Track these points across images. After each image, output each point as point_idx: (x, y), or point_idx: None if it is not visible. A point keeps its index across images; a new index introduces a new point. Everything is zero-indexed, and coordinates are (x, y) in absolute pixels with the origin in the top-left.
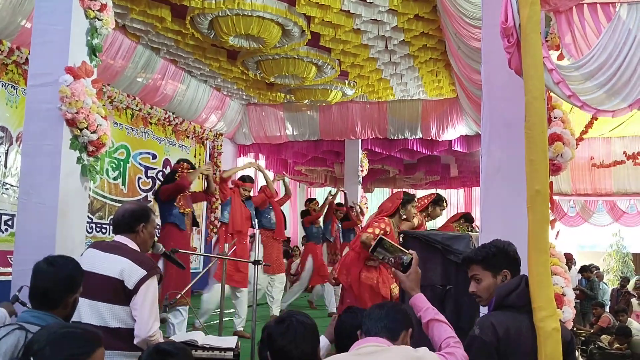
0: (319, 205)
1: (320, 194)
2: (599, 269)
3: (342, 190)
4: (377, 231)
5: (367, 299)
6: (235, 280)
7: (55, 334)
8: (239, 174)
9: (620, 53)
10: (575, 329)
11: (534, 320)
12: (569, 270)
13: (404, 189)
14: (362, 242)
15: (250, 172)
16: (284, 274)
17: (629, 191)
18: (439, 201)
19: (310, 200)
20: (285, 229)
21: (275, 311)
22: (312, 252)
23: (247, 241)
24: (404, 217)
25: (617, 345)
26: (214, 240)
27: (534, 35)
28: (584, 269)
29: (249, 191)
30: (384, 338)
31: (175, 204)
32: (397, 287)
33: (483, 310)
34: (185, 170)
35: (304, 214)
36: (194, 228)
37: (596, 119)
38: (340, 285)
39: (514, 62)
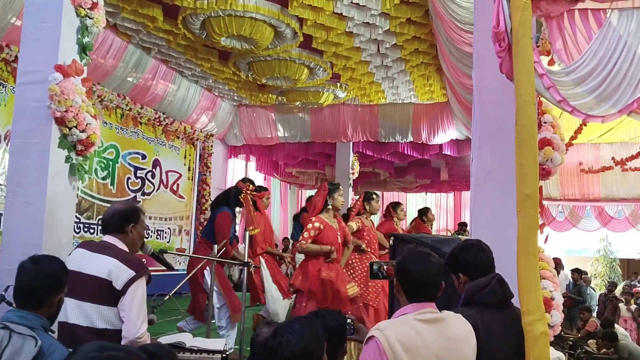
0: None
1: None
2: (586, 274)
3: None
4: (306, 235)
5: (327, 297)
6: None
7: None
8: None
9: (610, 59)
10: (562, 333)
11: (523, 324)
12: (558, 275)
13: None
14: (300, 252)
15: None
16: None
17: (616, 197)
18: (368, 197)
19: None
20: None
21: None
22: None
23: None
24: (329, 207)
25: (604, 350)
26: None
27: (525, 40)
28: (576, 270)
29: (268, 198)
30: (434, 302)
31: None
32: (354, 287)
33: None
34: (249, 192)
35: (298, 215)
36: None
37: (585, 124)
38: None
39: (505, 67)
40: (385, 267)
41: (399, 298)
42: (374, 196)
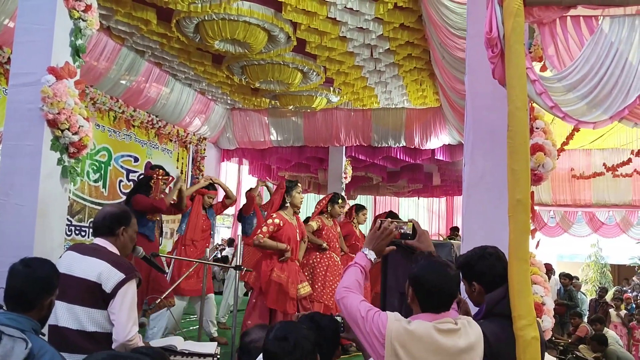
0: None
1: (304, 199)
2: (577, 279)
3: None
4: (265, 229)
5: (274, 297)
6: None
7: None
8: None
9: (602, 65)
10: (554, 338)
11: (514, 329)
12: (549, 280)
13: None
14: (255, 246)
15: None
16: None
17: (608, 203)
18: (334, 199)
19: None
20: None
21: None
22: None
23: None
24: (287, 204)
25: (594, 355)
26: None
27: (518, 46)
28: (565, 275)
29: (213, 199)
30: (452, 310)
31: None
32: (306, 287)
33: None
34: (160, 177)
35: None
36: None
37: (577, 130)
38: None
39: (497, 73)
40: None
41: (412, 307)
42: (339, 200)
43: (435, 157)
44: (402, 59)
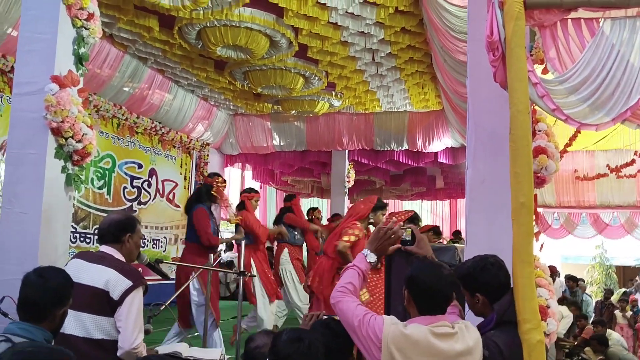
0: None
1: (306, 205)
2: (583, 281)
3: None
4: (352, 239)
5: None
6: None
7: (20, 353)
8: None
9: (603, 68)
10: (559, 341)
11: (519, 333)
12: (553, 283)
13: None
14: (339, 251)
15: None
16: None
17: (612, 204)
18: (414, 219)
19: (313, 209)
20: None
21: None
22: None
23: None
24: (371, 221)
25: (600, 358)
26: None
27: (519, 49)
28: (570, 278)
29: (257, 201)
30: (451, 315)
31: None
32: (365, 294)
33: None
34: (220, 185)
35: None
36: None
37: (580, 132)
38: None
39: (499, 76)
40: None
41: (409, 310)
42: (419, 222)
43: (438, 160)
44: (403, 62)
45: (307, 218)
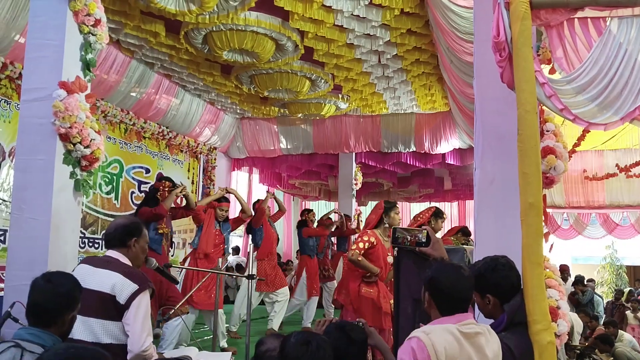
0: (316, 219)
1: (314, 207)
2: (593, 281)
3: (337, 212)
4: (361, 245)
5: (368, 314)
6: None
7: (60, 355)
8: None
9: (611, 67)
10: (570, 342)
11: (530, 334)
12: (565, 283)
13: (385, 199)
14: (350, 260)
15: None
16: (285, 288)
17: (621, 204)
18: (439, 214)
19: (308, 211)
20: (277, 245)
21: (274, 325)
22: (307, 265)
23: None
24: (387, 224)
25: (606, 357)
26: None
27: (526, 49)
28: (577, 282)
29: (226, 211)
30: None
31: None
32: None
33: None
34: (167, 189)
35: (300, 224)
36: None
37: (588, 131)
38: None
39: (506, 76)
40: (409, 237)
41: (428, 312)
42: (444, 215)
43: (446, 162)
44: (410, 64)
45: (301, 219)
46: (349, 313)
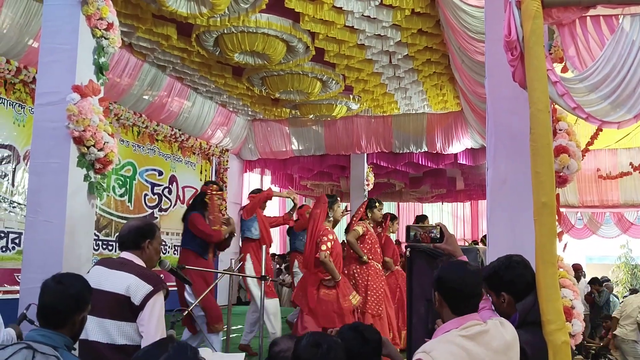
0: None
1: None
2: (609, 281)
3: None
4: (328, 245)
5: (329, 316)
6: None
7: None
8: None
9: (624, 64)
10: (585, 342)
11: (544, 334)
12: (579, 282)
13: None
14: (321, 262)
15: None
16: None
17: (636, 202)
18: (372, 204)
19: (300, 207)
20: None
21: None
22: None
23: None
24: (331, 218)
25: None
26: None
27: (538, 48)
28: (594, 281)
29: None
30: (476, 313)
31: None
32: (356, 297)
33: None
34: (214, 193)
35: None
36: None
37: (601, 130)
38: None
39: (518, 75)
40: (421, 233)
41: (440, 312)
42: (377, 204)
43: (458, 162)
44: (421, 64)
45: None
46: (308, 317)
